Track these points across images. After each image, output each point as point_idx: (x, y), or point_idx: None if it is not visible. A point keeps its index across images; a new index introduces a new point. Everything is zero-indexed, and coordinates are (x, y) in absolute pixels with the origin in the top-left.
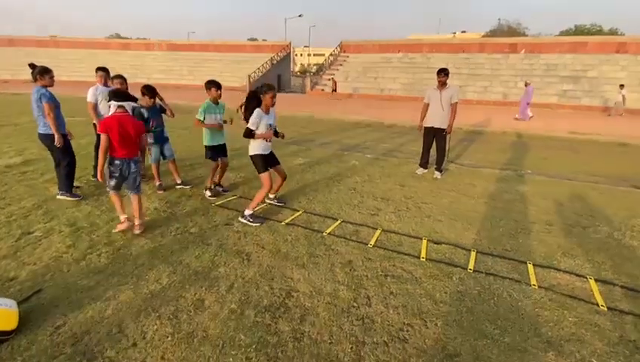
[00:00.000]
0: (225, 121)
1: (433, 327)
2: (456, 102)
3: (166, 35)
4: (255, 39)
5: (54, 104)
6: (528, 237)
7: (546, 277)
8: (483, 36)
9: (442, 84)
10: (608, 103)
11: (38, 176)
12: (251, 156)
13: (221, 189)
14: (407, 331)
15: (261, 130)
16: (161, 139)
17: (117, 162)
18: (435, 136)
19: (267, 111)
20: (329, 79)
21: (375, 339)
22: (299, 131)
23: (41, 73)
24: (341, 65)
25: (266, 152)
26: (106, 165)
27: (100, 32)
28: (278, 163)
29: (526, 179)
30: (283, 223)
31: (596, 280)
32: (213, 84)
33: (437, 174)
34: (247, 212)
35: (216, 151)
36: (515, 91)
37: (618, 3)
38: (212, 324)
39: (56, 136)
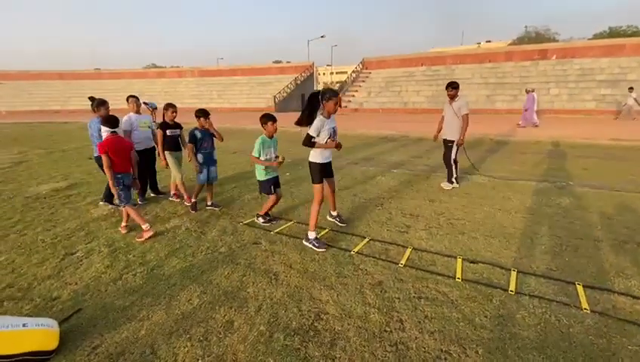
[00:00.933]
0: (277, 157)
1: (474, 355)
2: (466, 114)
3: (197, 63)
4: (280, 61)
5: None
6: (575, 255)
7: (599, 299)
8: (509, 44)
9: (452, 97)
10: (618, 106)
11: (81, 200)
12: (310, 163)
13: (269, 218)
14: (445, 359)
15: (322, 138)
16: (210, 162)
17: (118, 176)
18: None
19: (328, 117)
20: (353, 95)
21: None
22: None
23: (98, 105)
24: (363, 81)
25: (326, 161)
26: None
27: (138, 62)
28: (332, 175)
29: (567, 191)
30: None
31: None
32: (269, 119)
33: (444, 185)
34: (311, 235)
35: (272, 184)
36: (547, 98)
37: None
38: (241, 347)
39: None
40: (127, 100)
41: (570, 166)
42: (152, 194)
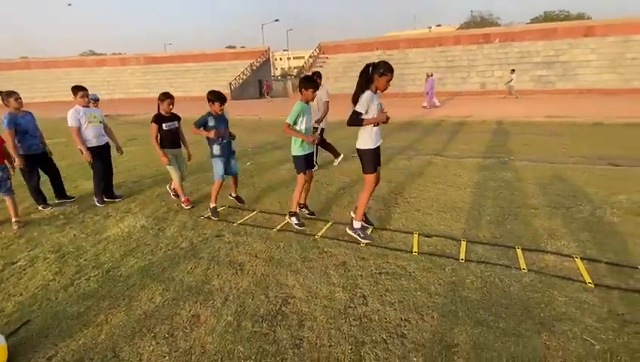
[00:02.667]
0: (315, 129)
1: (430, 320)
2: (327, 101)
3: (142, 49)
4: (233, 47)
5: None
6: (515, 223)
7: (534, 260)
8: (458, 29)
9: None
10: (505, 87)
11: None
12: (360, 150)
13: (307, 212)
14: (405, 326)
15: (370, 115)
16: (228, 153)
17: None
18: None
19: (375, 93)
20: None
21: (374, 338)
22: (282, 135)
23: (5, 97)
24: (321, 66)
25: (378, 145)
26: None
27: (72, 49)
28: (380, 163)
29: (509, 166)
30: (274, 230)
31: (582, 259)
32: (311, 84)
33: (335, 162)
34: (357, 224)
35: (307, 162)
36: (492, 80)
37: None
38: (209, 339)
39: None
40: (74, 92)
41: (512, 142)
42: (107, 199)
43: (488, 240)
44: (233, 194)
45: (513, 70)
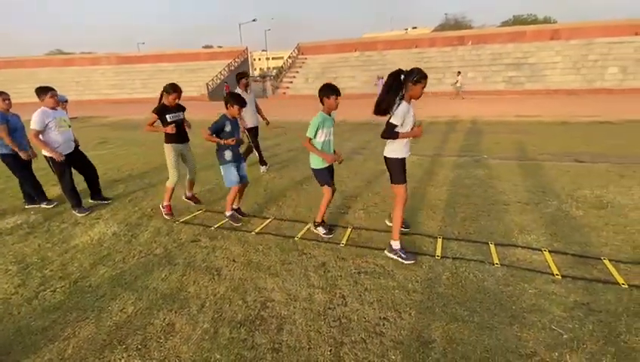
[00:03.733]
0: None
1: (408, 317)
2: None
3: (114, 49)
4: (210, 46)
5: None
6: (488, 219)
7: (506, 254)
8: (433, 31)
9: (246, 86)
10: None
11: None
12: (390, 159)
13: (328, 228)
14: (384, 325)
15: (406, 128)
16: (239, 158)
17: None
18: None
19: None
20: (290, 82)
21: (353, 338)
22: (263, 137)
23: None
24: (300, 67)
25: (408, 155)
26: None
27: (37, 49)
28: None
29: (482, 164)
30: (253, 233)
31: (550, 252)
32: (333, 91)
33: (262, 168)
34: (396, 245)
35: (331, 172)
36: (466, 81)
37: None
38: (184, 348)
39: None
40: (42, 93)
41: (485, 141)
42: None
43: (463, 236)
44: (235, 206)
45: (459, 72)
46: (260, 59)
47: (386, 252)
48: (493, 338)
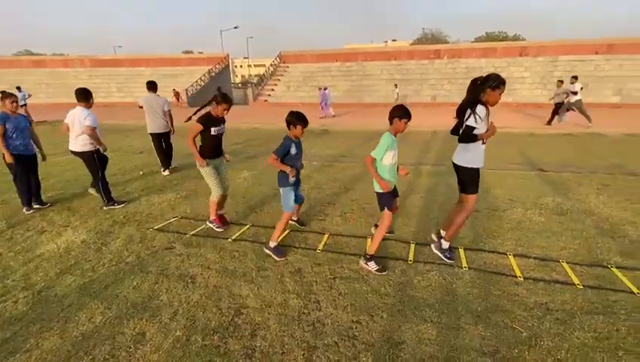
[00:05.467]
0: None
1: (379, 320)
2: (169, 110)
3: (88, 52)
4: (190, 52)
5: None
6: None
7: (474, 258)
8: (411, 44)
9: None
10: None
11: None
12: (464, 168)
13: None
14: (356, 328)
15: (483, 131)
16: (299, 182)
17: None
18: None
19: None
20: (272, 89)
21: (326, 341)
22: (245, 143)
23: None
24: (282, 75)
25: (481, 166)
26: None
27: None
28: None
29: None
30: (229, 240)
31: (514, 255)
32: (406, 115)
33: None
34: (445, 245)
35: (394, 193)
36: (443, 93)
37: (521, 13)
38: (155, 357)
39: None
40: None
41: None
42: (36, 206)
43: (435, 241)
44: (294, 218)
45: (396, 85)
46: (241, 66)
47: (433, 248)
48: (459, 338)
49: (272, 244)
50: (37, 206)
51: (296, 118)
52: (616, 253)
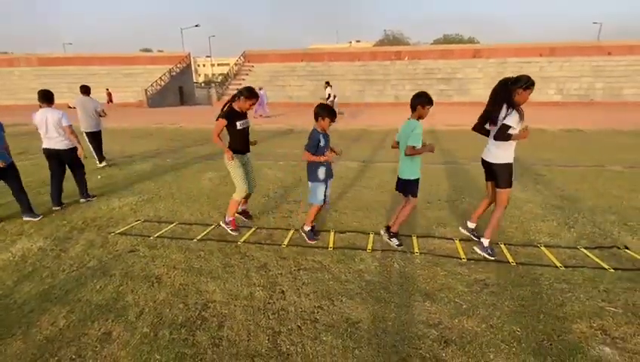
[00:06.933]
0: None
1: (339, 304)
2: (102, 109)
3: (34, 49)
4: (149, 50)
5: None
6: (414, 215)
7: (425, 244)
8: (374, 45)
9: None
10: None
11: None
12: (501, 165)
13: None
14: (318, 312)
15: (515, 132)
16: (330, 176)
17: None
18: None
19: None
20: (237, 89)
21: (290, 326)
22: (209, 143)
23: None
24: (247, 74)
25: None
26: None
27: None
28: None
29: None
30: (194, 240)
31: (460, 240)
32: (430, 102)
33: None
34: (486, 242)
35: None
36: (404, 93)
37: (476, 15)
38: (123, 353)
39: None
40: None
41: None
42: None
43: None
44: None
45: (328, 83)
46: (204, 65)
47: (476, 249)
48: (409, 314)
49: (307, 228)
50: None
51: (324, 111)
52: (545, 234)
